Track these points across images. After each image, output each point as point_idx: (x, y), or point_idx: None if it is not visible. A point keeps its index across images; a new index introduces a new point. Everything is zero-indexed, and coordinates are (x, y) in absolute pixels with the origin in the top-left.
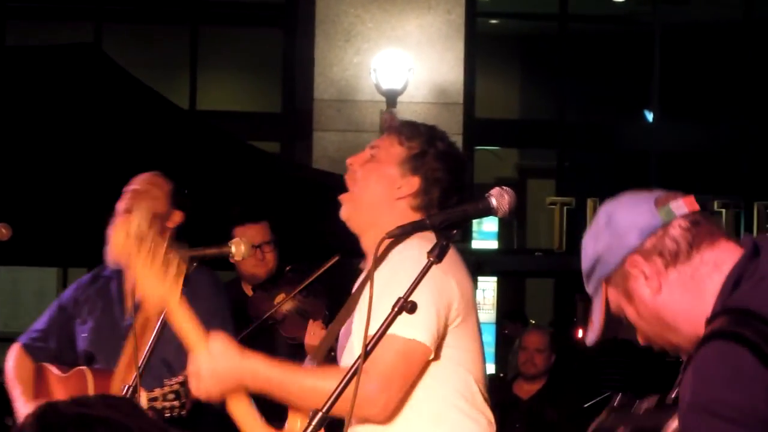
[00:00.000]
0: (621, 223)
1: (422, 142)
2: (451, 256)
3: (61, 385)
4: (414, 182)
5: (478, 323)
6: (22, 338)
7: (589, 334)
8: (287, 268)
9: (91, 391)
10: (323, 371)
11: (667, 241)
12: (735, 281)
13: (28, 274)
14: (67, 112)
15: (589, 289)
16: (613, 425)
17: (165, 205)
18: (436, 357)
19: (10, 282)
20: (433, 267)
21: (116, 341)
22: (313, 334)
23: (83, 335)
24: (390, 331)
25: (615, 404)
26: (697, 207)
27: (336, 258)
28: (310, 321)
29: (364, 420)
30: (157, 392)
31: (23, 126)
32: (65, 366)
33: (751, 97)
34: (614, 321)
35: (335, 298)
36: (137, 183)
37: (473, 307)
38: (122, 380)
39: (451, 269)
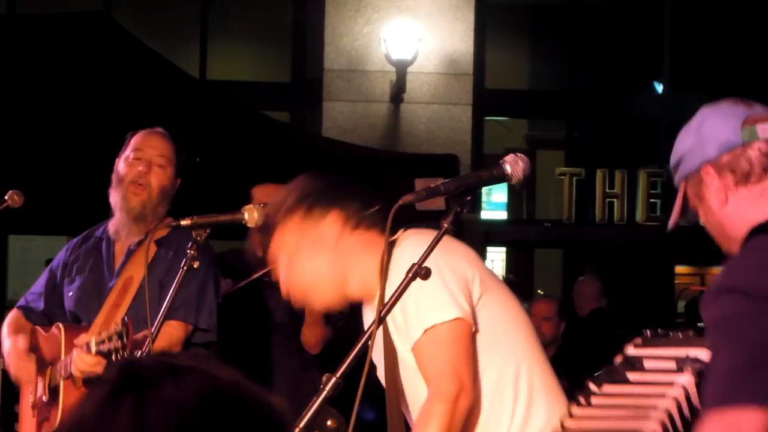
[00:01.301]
0: (706, 131)
1: (299, 197)
2: (454, 244)
3: (44, 343)
4: (334, 215)
5: (509, 298)
6: (19, 302)
7: (670, 221)
8: None
9: (62, 345)
10: None
11: (742, 161)
12: None
13: (39, 242)
14: (78, 81)
15: (675, 180)
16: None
17: (172, 175)
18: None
19: (20, 251)
20: (440, 252)
21: (100, 301)
22: None
23: (70, 294)
24: (425, 325)
25: (649, 335)
26: None
27: None
28: None
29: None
30: (104, 335)
31: (35, 94)
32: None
33: (761, 67)
34: (692, 212)
35: None
36: (150, 151)
37: (494, 282)
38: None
39: (459, 252)
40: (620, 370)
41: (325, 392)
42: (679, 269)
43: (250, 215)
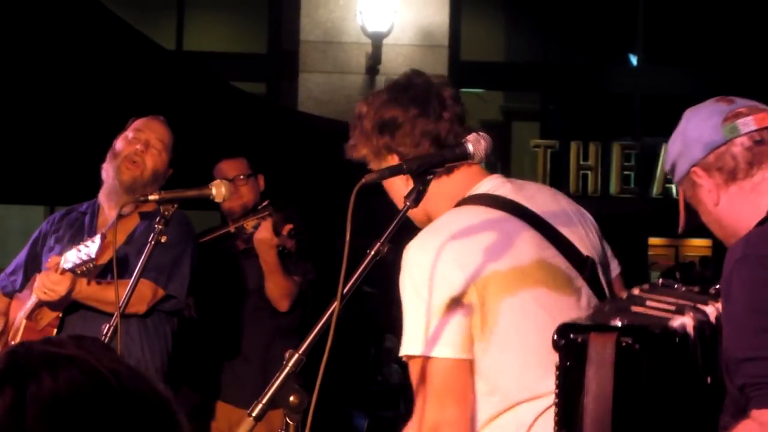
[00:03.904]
0: (691, 133)
1: (358, 135)
2: (470, 233)
3: (15, 310)
4: (394, 162)
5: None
6: None
7: (680, 225)
8: (264, 203)
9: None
10: None
11: (728, 158)
12: None
13: (15, 212)
14: (51, 52)
15: (675, 183)
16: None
17: (167, 161)
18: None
19: None
20: (434, 257)
21: None
22: (263, 230)
23: (48, 260)
24: (403, 352)
25: (658, 283)
26: (767, 123)
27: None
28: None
29: None
30: (73, 250)
31: (7, 65)
32: None
33: (735, 40)
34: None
35: (313, 236)
36: (150, 134)
37: (513, 281)
38: None
39: (462, 252)
40: (624, 302)
41: (287, 368)
42: (653, 241)
43: (218, 190)
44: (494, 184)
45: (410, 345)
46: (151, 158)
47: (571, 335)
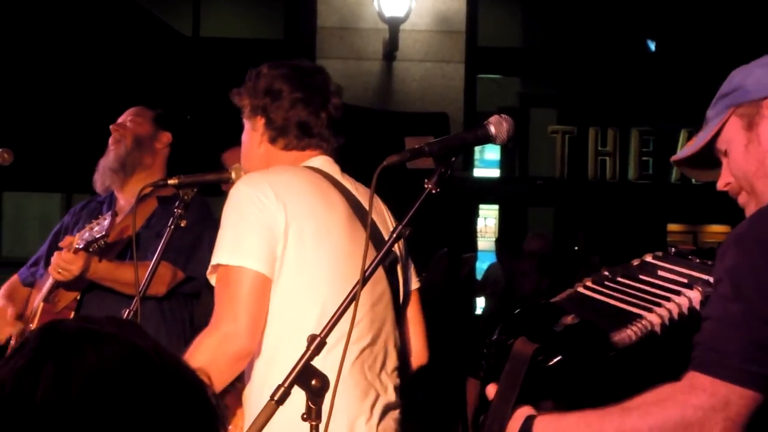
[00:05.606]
0: None
1: (246, 90)
2: (292, 180)
3: (34, 299)
4: (259, 123)
5: (342, 244)
6: (20, 271)
7: (684, 149)
8: None
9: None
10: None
11: None
12: None
13: (32, 199)
14: (69, 39)
15: (711, 112)
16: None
17: (149, 127)
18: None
19: (14, 207)
20: (256, 187)
21: None
22: None
23: None
24: (212, 261)
25: (670, 251)
26: None
27: None
28: None
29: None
30: (86, 228)
31: (25, 52)
32: None
33: (752, 28)
34: (705, 156)
35: None
36: (123, 117)
37: (322, 230)
38: None
39: (280, 187)
40: (634, 269)
41: (309, 352)
42: (672, 227)
43: (237, 174)
44: (322, 162)
45: (222, 255)
46: (127, 131)
47: (503, 335)
